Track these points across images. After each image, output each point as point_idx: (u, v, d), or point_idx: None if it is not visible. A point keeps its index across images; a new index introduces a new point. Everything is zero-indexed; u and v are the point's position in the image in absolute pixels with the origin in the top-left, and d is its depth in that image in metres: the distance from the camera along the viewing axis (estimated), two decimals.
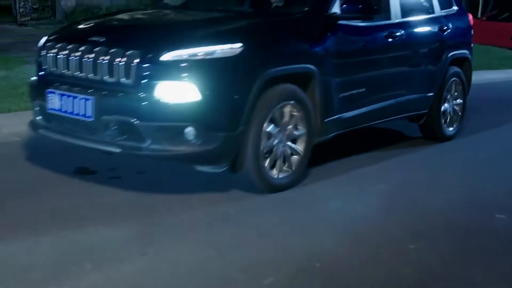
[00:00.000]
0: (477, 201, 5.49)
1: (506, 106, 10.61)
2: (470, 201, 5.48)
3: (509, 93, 12.30)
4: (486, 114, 9.46)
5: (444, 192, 5.68)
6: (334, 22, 5.78)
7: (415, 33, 6.90)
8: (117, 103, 4.91)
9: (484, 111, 9.62)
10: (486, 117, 9.23)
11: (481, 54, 16.12)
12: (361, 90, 6.11)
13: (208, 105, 4.84)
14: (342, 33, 5.86)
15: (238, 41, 4.98)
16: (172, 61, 4.83)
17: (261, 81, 5.02)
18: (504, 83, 13.43)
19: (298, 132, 5.47)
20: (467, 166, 6.61)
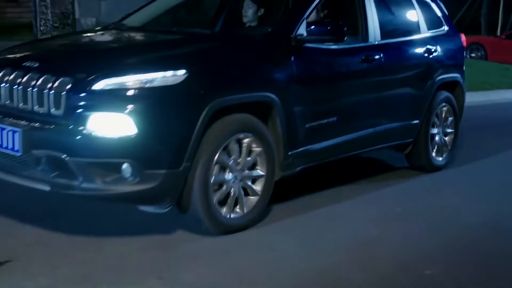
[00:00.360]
0: (493, 225, 5.32)
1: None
2: (485, 226, 5.31)
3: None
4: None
5: (450, 219, 5.45)
6: (299, 45, 5.25)
7: (396, 56, 6.35)
8: (46, 136, 4.41)
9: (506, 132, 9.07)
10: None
11: (501, 73, 15.65)
12: (331, 119, 5.57)
13: (146, 139, 4.32)
14: (309, 57, 5.35)
15: (182, 67, 4.47)
16: (105, 90, 4.33)
17: (208, 112, 4.50)
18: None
19: (256, 171, 4.95)
20: (468, 193, 6.25)
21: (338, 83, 5.66)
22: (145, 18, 6.26)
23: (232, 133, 4.71)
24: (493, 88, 13.67)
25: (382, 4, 6.36)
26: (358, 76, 5.88)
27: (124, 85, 4.34)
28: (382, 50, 6.09)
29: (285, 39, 5.21)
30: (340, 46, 5.61)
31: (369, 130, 6.04)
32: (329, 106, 5.56)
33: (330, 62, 5.60)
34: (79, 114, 4.30)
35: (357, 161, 7.10)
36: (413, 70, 6.55)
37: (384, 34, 6.22)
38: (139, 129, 4.27)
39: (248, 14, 6.17)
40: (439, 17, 7.19)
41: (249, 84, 4.86)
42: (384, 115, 6.21)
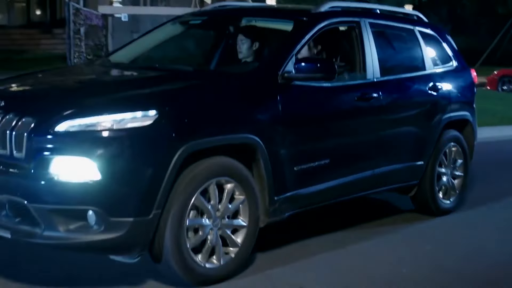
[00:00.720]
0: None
1: None
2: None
3: None
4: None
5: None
6: (287, 83, 4.94)
7: (397, 94, 5.99)
8: (8, 180, 4.17)
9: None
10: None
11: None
12: (324, 162, 5.22)
13: (112, 185, 4.04)
14: (297, 95, 5.03)
15: (153, 107, 4.17)
16: (69, 132, 4.07)
17: (181, 156, 4.19)
18: None
19: (238, 220, 4.63)
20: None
21: (330, 123, 5.32)
22: (134, 53, 6.01)
23: (210, 177, 4.39)
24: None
25: (382, 39, 6.04)
26: (354, 115, 5.53)
27: (88, 127, 4.07)
28: (381, 88, 5.74)
29: (271, 76, 4.91)
30: (333, 83, 5.29)
31: (367, 172, 5.68)
32: (320, 147, 5.22)
33: (322, 101, 5.25)
34: (40, 157, 4.05)
35: (357, 203, 6.72)
36: (417, 109, 6.19)
37: (384, 70, 5.87)
38: (104, 174, 4.00)
39: (242, 49, 5.88)
40: (446, 52, 6.83)
41: (227, 125, 4.53)
42: (383, 156, 5.84)
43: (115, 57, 5.93)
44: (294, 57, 5.04)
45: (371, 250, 5.47)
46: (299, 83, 5.01)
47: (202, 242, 4.45)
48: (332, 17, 5.61)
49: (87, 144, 4.02)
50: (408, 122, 6.10)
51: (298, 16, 5.56)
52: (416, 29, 6.50)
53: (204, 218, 4.41)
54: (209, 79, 4.99)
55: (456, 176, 6.74)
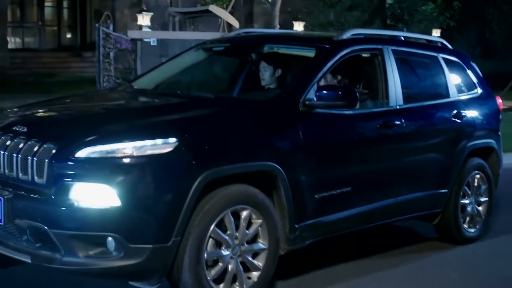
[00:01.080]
0: None
1: None
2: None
3: None
4: None
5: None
6: (308, 110, 4.94)
7: (420, 121, 5.95)
8: (29, 206, 4.20)
9: None
10: None
11: None
12: (345, 189, 5.19)
13: (131, 212, 4.06)
14: (319, 123, 5.02)
15: (173, 135, 4.20)
16: (89, 158, 4.10)
17: (200, 183, 4.20)
18: None
19: (257, 244, 4.61)
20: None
21: (352, 151, 5.30)
22: (157, 80, 6.05)
23: (228, 206, 4.39)
24: None
25: (405, 66, 6.03)
26: (376, 142, 5.50)
27: (109, 154, 4.10)
28: (404, 115, 5.72)
29: (293, 104, 4.91)
30: (355, 111, 5.28)
31: (390, 200, 5.63)
32: (342, 175, 5.19)
33: (343, 128, 5.24)
34: (61, 183, 4.09)
35: (380, 230, 6.66)
36: (440, 136, 6.14)
37: (408, 97, 5.84)
38: (123, 201, 4.02)
39: (265, 76, 5.90)
40: (471, 79, 6.79)
41: (248, 153, 4.54)
42: (406, 184, 5.80)
43: (138, 83, 5.98)
44: (315, 85, 5.04)
45: (395, 278, 5.43)
46: (321, 111, 5.00)
47: (223, 271, 4.43)
48: (355, 45, 5.61)
49: (107, 171, 4.05)
50: (432, 150, 6.05)
51: (321, 44, 5.56)
52: (440, 56, 6.47)
53: (222, 248, 4.41)
54: (230, 106, 5.00)
55: (481, 202, 6.66)
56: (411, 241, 6.57)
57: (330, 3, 16.06)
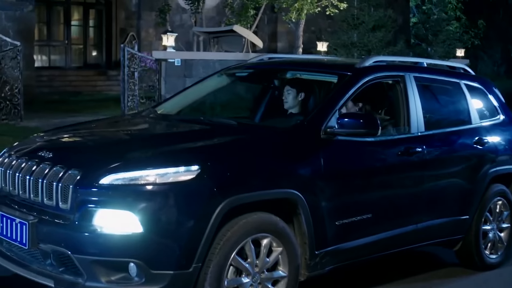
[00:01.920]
0: None
1: None
2: None
3: None
4: None
5: None
6: (329, 138, 4.98)
7: (442, 148, 5.97)
8: (53, 230, 4.30)
9: None
10: None
11: None
12: (366, 216, 5.21)
13: (153, 238, 4.14)
14: (340, 150, 5.06)
15: (195, 162, 4.27)
16: (112, 185, 4.18)
17: (222, 210, 4.26)
18: None
19: (278, 272, 4.64)
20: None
21: (373, 178, 5.32)
22: (180, 105, 6.13)
23: (249, 234, 4.44)
24: None
25: (427, 93, 6.05)
26: (397, 169, 5.52)
27: (132, 181, 4.19)
28: (425, 142, 5.74)
29: (314, 131, 4.96)
30: (376, 138, 5.30)
31: (410, 227, 5.64)
32: (363, 202, 5.22)
33: (364, 155, 5.27)
34: (85, 209, 4.18)
35: (400, 255, 6.65)
36: (462, 163, 6.14)
37: (429, 124, 5.87)
38: (146, 227, 4.10)
39: (288, 100, 5.97)
40: (493, 105, 6.78)
41: (269, 180, 4.59)
42: (427, 210, 5.80)
43: (162, 108, 6.05)
44: (337, 112, 5.09)
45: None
46: (342, 138, 5.04)
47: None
48: (377, 72, 5.65)
49: (131, 198, 4.13)
50: (453, 177, 6.05)
51: (343, 71, 5.61)
52: (462, 82, 6.48)
53: (242, 276, 4.45)
54: (252, 134, 5.05)
55: (503, 228, 6.64)
56: (432, 267, 6.55)
57: (353, 24, 16.10)
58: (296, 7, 17.68)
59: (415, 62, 6.39)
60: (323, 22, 23.84)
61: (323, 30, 23.96)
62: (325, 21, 23.66)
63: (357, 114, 5.22)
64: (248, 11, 18.88)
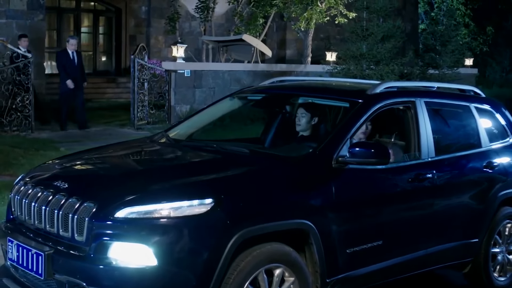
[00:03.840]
0: None
1: None
2: None
3: None
4: None
5: None
6: (340, 167, 5.02)
7: (452, 173, 6.00)
8: (68, 262, 4.34)
9: None
10: None
11: None
12: (376, 243, 5.26)
13: (168, 271, 4.19)
14: (351, 178, 5.09)
15: (209, 196, 4.33)
16: (127, 218, 4.24)
17: (235, 242, 4.32)
18: None
19: None
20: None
21: (383, 205, 5.35)
22: (193, 129, 6.18)
23: (262, 265, 4.49)
24: None
25: (437, 117, 6.10)
26: (407, 196, 5.55)
27: (147, 214, 4.24)
28: (435, 167, 5.77)
29: (326, 161, 5.00)
30: (387, 165, 5.34)
31: (420, 252, 5.68)
32: (373, 229, 5.26)
33: (375, 183, 5.30)
34: (100, 242, 4.23)
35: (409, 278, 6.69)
36: (472, 187, 6.17)
37: (439, 149, 5.90)
38: (160, 260, 4.15)
39: (301, 122, 6.04)
40: (503, 127, 6.80)
41: (281, 211, 4.63)
42: (437, 235, 5.84)
43: (174, 131, 6.10)
44: (348, 141, 5.14)
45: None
46: (353, 166, 5.07)
47: None
48: (387, 98, 5.69)
49: (145, 232, 4.18)
50: (463, 201, 6.07)
51: (354, 98, 5.64)
52: (472, 106, 6.51)
53: None
54: (264, 164, 5.08)
55: None
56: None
57: (362, 35, 16.14)
58: (305, 16, 17.72)
59: (425, 87, 6.43)
60: (332, 29, 23.89)
61: (332, 37, 24.00)
62: (334, 28, 23.70)
63: (368, 144, 5.23)
64: (257, 20, 18.92)
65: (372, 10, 16.64)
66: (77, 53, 15.17)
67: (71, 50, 14.94)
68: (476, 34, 33.91)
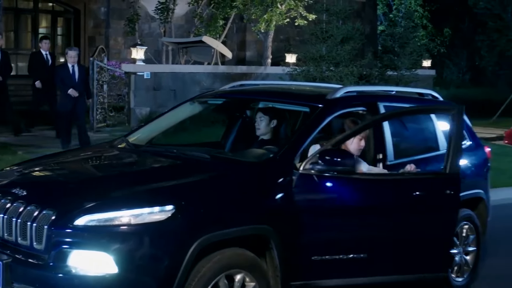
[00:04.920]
0: None
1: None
2: None
3: None
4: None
5: None
6: (301, 173, 4.99)
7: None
8: (27, 271, 4.32)
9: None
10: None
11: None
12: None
13: (128, 279, 4.18)
14: (312, 185, 5.00)
15: (170, 202, 4.32)
16: (87, 226, 4.21)
17: (196, 249, 4.32)
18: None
19: None
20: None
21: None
22: (153, 134, 6.15)
23: (222, 270, 4.49)
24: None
25: (396, 121, 6.14)
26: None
27: (107, 222, 4.22)
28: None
29: (286, 166, 4.98)
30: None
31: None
32: (341, 240, 5.14)
33: (337, 190, 5.16)
34: (59, 250, 4.20)
35: None
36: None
37: (398, 153, 5.97)
38: (120, 268, 4.14)
39: (260, 126, 6.06)
40: None
41: (242, 217, 4.64)
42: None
43: (134, 137, 6.06)
44: (310, 146, 5.16)
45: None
46: (314, 173, 5.01)
47: None
48: (347, 102, 5.73)
49: (106, 239, 4.16)
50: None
51: (314, 103, 5.65)
52: None
53: None
54: (224, 170, 5.05)
55: (469, 252, 6.75)
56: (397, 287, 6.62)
57: (322, 38, 16.23)
58: (265, 18, 17.75)
59: (385, 91, 6.49)
60: (291, 31, 23.93)
61: (292, 39, 24.04)
62: (294, 30, 23.74)
63: (330, 151, 5.14)
64: (217, 21, 18.89)
65: (332, 12, 16.75)
66: (78, 66, 12.72)
67: (71, 64, 12.45)
68: (433, 35, 34.34)
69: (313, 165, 5.00)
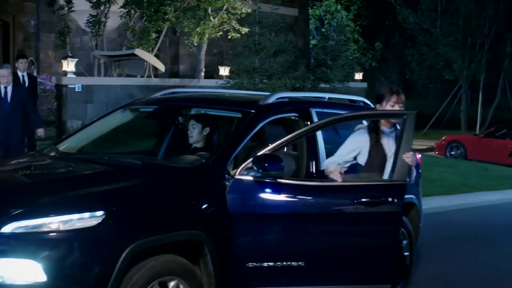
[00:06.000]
0: None
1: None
2: None
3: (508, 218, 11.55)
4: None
5: None
6: (234, 178, 4.93)
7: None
8: None
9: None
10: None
11: (480, 174, 15.62)
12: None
13: (58, 287, 4.04)
14: (245, 190, 4.92)
15: (100, 208, 4.21)
16: (14, 233, 4.07)
17: (127, 256, 4.21)
18: (503, 205, 12.71)
19: None
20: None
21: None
22: (83, 142, 6.03)
23: (155, 277, 4.40)
24: (472, 190, 13.55)
25: (330, 129, 6.15)
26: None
27: (35, 228, 4.09)
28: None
29: (219, 171, 4.93)
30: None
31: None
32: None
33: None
34: None
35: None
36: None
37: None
38: (49, 276, 4.02)
39: (193, 134, 5.99)
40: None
41: (174, 223, 4.56)
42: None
43: (63, 145, 5.92)
44: (242, 151, 5.12)
45: None
46: (247, 178, 4.94)
47: None
48: (280, 108, 5.72)
49: (34, 246, 4.03)
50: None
51: (246, 108, 5.62)
52: None
53: None
54: (156, 175, 4.97)
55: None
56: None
57: (255, 50, 16.30)
58: (198, 31, 17.74)
59: (317, 98, 6.51)
60: (225, 44, 23.98)
61: (225, 52, 24.10)
62: (227, 44, 23.81)
63: (263, 157, 5.00)
64: (150, 34, 18.76)
65: (264, 25, 16.87)
66: (13, 87, 9.62)
67: (4, 85, 9.50)
68: (365, 49, 34.93)
69: (248, 171, 4.95)
